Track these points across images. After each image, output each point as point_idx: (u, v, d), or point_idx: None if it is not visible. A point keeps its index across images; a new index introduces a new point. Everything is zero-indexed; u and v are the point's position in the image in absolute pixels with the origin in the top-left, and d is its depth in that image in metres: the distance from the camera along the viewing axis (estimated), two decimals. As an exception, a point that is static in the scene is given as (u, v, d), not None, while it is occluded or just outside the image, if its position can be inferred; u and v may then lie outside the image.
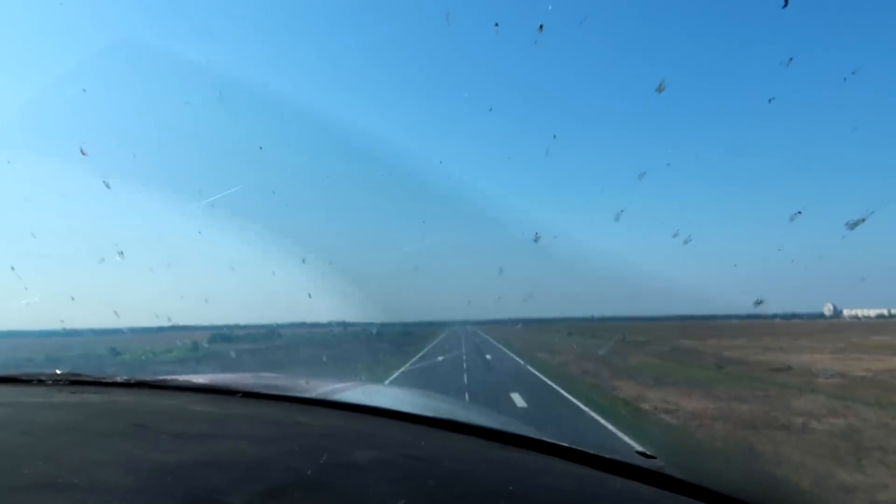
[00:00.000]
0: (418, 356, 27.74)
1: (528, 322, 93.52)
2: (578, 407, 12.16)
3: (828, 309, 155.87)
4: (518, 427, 1.58)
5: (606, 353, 27.30)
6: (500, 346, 36.63)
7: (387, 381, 15.63)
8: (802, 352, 28.54)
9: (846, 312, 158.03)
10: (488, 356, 27.38)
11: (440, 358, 26.64)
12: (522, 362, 23.68)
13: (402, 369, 20.76)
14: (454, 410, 2.00)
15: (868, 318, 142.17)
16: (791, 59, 17.36)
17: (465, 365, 21.98)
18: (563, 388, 14.91)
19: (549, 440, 1.26)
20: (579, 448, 1.19)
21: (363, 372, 18.94)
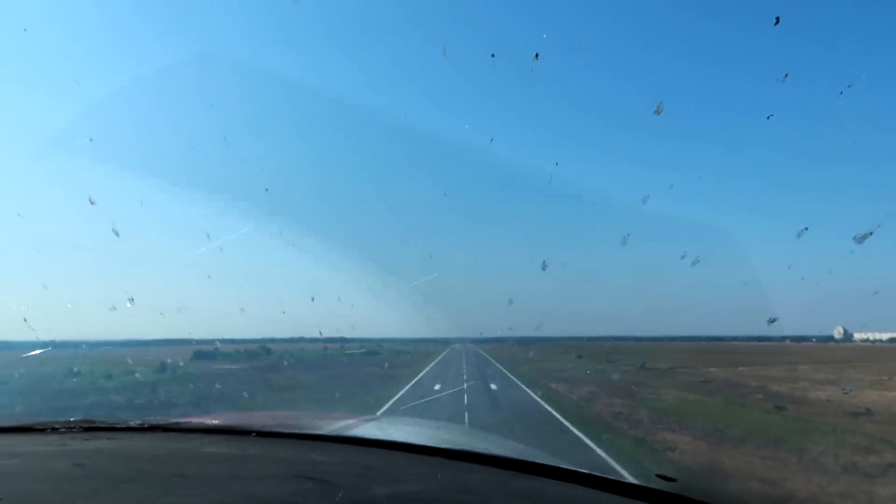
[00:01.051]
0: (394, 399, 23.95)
1: (531, 341, 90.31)
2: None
3: (838, 332, 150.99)
4: (536, 455, 1.60)
5: (633, 384, 23.38)
6: (507, 373, 32.62)
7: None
8: (857, 384, 24.57)
9: (857, 336, 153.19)
10: (493, 386, 23.43)
11: (437, 387, 22.76)
12: (536, 397, 19.76)
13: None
14: (471, 441, 2.03)
15: (880, 341, 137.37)
16: (786, 75, 18.87)
17: (465, 399, 18.08)
18: (598, 445, 11.02)
19: (569, 467, 1.29)
20: (599, 474, 1.22)
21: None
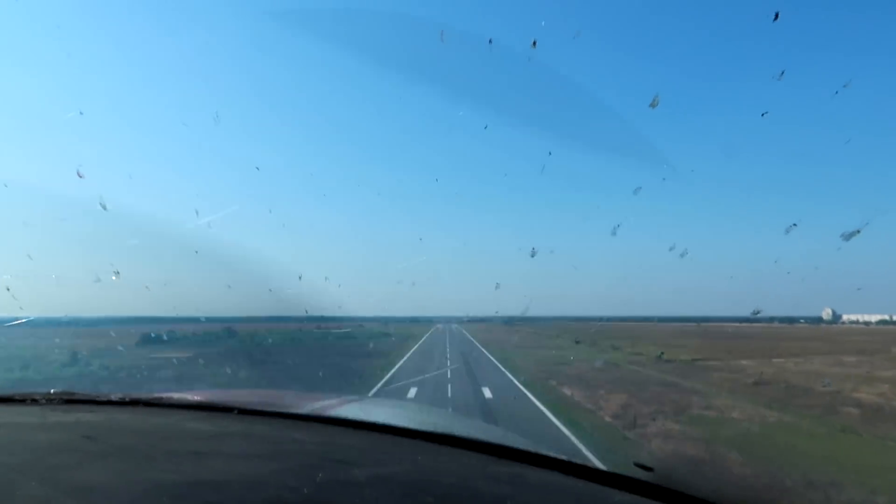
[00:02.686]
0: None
1: (515, 321, 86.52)
2: None
3: (826, 314, 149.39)
4: (517, 441, 1.58)
5: (667, 387, 17.63)
6: (500, 366, 26.76)
7: None
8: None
9: (846, 317, 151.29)
10: (488, 393, 17.48)
11: (412, 392, 16.87)
12: (552, 416, 13.86)
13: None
14: (452, 424, 2.01)
15: (870, 323, 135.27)
16: (783, 72, 15.57)
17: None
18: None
19: (549, 454, 1.28)
20: (578, 462, 1.22)
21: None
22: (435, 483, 1.08)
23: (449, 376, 21.19)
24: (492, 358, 30.21)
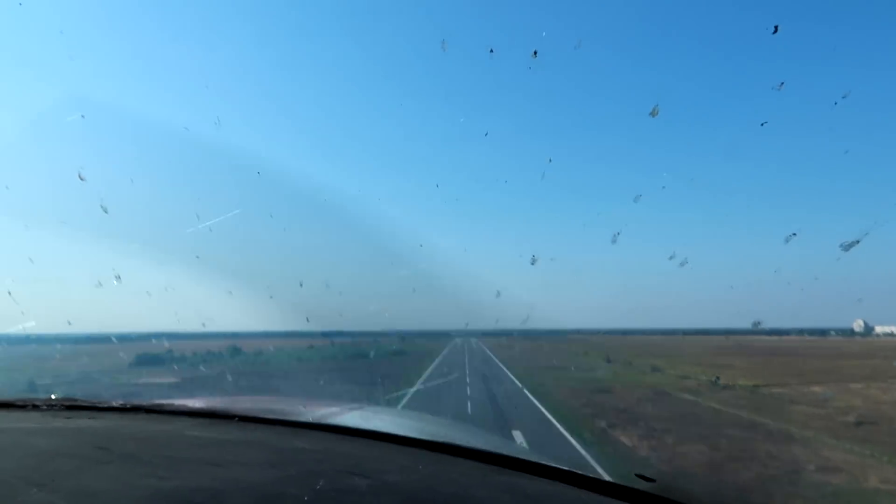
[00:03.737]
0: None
1: (517, 334, 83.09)
2: None
3: (858, 325, 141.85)
4: (517, 450, 1.61)
5: (765, 437, 13.68)
6: (524, 392, 22.92)
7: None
8: None
9: (878, 329, 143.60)
10: (519, 437, 13.69)
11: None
12: (595, 464, 10.05)
13: None
14: (452, 434, 2.01)
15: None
16: (782, 83, 16.03)
17: None
18: None
19: (549, 463, 1.27)
20: (579, 472, 1.21)
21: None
22: (435, 492, 1.09)
23: (469, 411, 17.44)
24: (517, 383, 26.37)
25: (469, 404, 18.64)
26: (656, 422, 15.54)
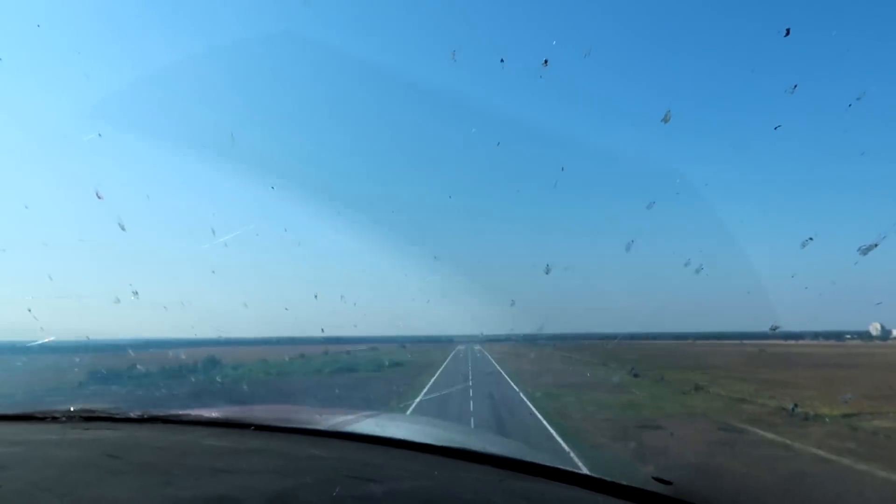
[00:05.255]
0: None
1: (532, 340, 78.14)
2: None
3: (875, 328, 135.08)
4: (533, 455, 1.57)
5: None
6: (540, 419, 17.34)
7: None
8: None
9: None
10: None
11: None
12: None
13: None
14: (467, 439, 1.94)
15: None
16: (796, 86, 14.77)
17: None
18: None
19: (565, 468, 1.27)
20: (596, 475, 1.21)
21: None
22: (451, 498, 1.09)
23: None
24: (531, 407, 20.80)
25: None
26: (759, 494, 10.02)
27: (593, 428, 16.60)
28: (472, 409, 20.47)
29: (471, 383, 29.09)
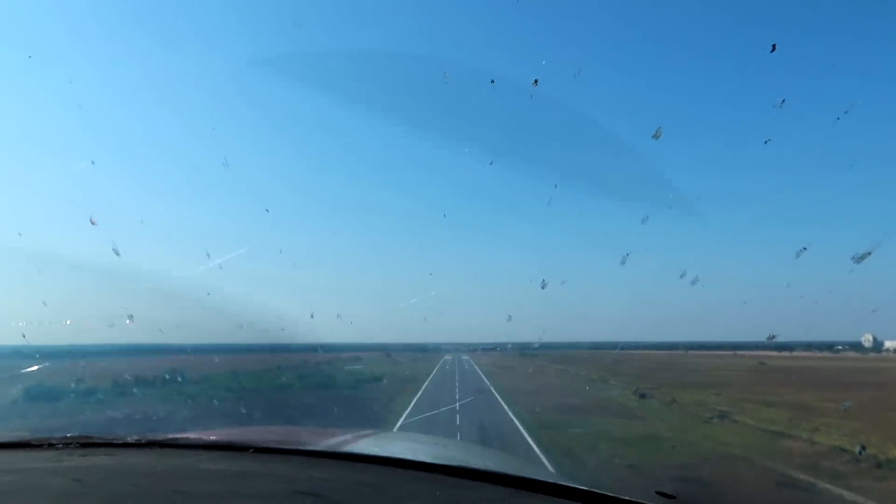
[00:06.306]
0: None
1: (535, 349, 74.88)
2: None
3: (867, 340, 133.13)
4: (534, 471, 1.60)
5: None
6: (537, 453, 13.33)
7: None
8: None
9: (888, 344, 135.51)
10: None
11: None
12: None
13: None
14: (468, 458, 1.95)
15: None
16: (783, 101, 15.70)
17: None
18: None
19: (567, 483, 1.25)
20: (598, 491, 1.17)
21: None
22: None
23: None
24: (531, 443, 16.96)
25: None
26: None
27: (618, 482, 12.78)
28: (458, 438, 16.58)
29: (457, 407, 25.11)
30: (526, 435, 18.65)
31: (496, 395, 31.06)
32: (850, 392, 32.45)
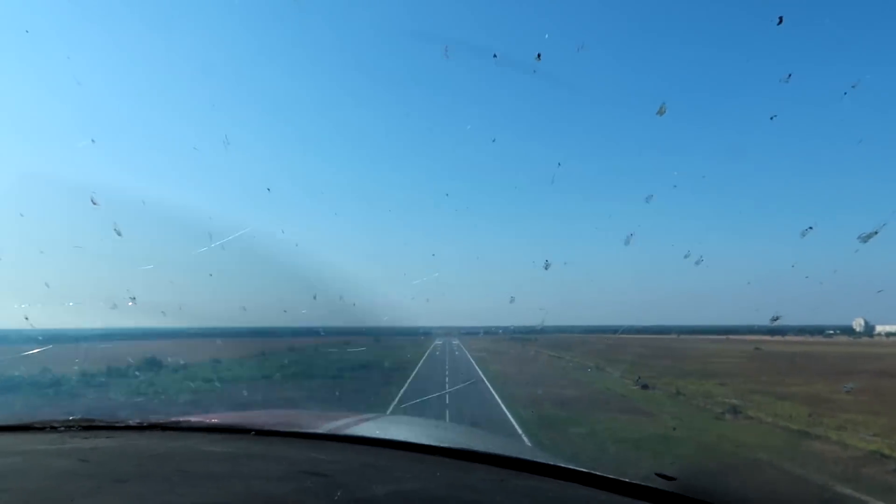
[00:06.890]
0: None
1: (535, 333, 73.57)
2: None
3: (858, 324, 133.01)
4: (535, 454, 1.62)
5: None
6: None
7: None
8: None
9: (879, 328, 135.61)
10: None
11: None
12: None
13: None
14: (469, 440, 1.98)
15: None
16: (790, 75, 13.79)
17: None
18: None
19: (566, 465, 1.24)
20: (597, 472, 1.18)
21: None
22: (454, 499, 1.07)
23: None
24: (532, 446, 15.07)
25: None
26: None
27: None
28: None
29: (447, 401, 23.21)
30: (523, 435, 16.75)
31: (488, 385, 29.29)
32: (861, 381, 30.92)
